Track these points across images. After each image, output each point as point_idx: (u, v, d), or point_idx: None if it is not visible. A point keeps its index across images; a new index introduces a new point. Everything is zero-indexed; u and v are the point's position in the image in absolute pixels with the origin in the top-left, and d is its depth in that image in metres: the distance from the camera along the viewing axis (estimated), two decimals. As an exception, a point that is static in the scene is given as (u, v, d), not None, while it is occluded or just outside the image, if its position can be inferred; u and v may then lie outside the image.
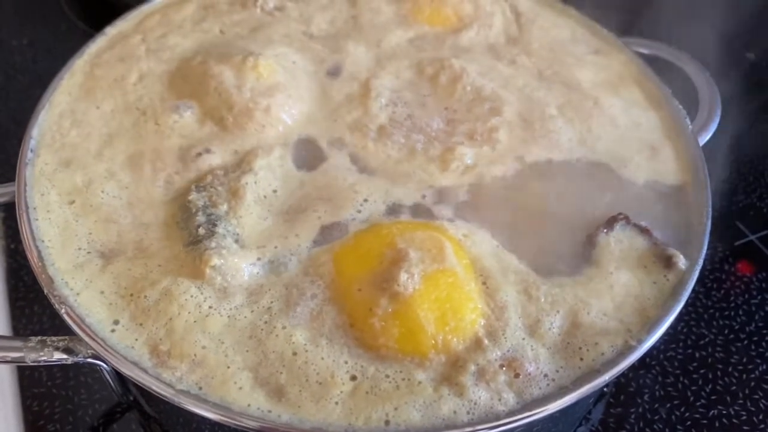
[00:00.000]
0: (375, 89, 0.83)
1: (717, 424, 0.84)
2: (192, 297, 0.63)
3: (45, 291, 0.64)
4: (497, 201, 0.74)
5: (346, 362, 0.61)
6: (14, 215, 0.70)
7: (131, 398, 0.79)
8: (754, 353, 0.90)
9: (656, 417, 0.84)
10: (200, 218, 0.68)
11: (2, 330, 0.88)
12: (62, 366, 0.83)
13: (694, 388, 0.87)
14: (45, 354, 0.63)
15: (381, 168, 0.76)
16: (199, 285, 0.64)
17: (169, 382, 0.59)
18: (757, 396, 0.86)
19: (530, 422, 0.59)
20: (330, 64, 0.87)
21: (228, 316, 0.63)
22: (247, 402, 0.59)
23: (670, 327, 0.65)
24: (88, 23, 1.30)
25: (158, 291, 0.64)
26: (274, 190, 0.73)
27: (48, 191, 0.72)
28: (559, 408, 0.59)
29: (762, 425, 0.84)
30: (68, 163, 0.75)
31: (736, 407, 0.85)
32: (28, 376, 0.84)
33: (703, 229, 0.72)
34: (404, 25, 0.93)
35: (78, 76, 0.84)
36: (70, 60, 0.85)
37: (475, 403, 0.59)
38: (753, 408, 0.85)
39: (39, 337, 0.64)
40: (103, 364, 0.64)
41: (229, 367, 0.60)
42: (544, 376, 0.61)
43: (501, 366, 0.61)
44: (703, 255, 0.70)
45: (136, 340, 0.62)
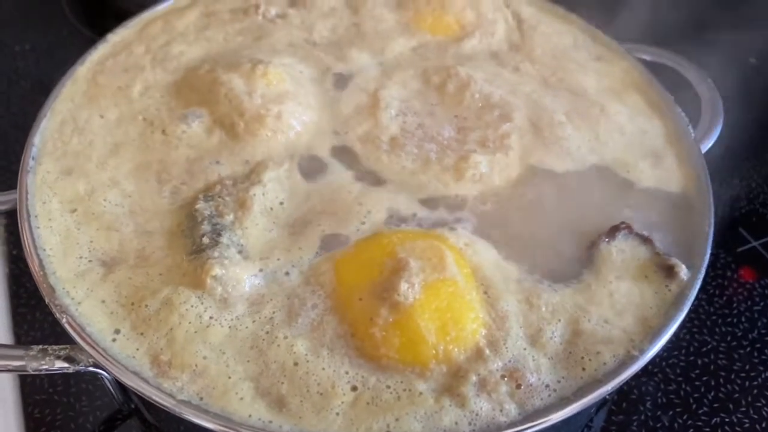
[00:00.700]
0: (384, 100, 0.82)
1: (720, 431, 0.83)
2: (192, 307, 0.63)
3: (46, 300, 0.64)
4: (502, 209, 0.74)
5: (347, 372, 0.60)
6: (16, 222, 0.70)
7: (132, 406, 0.80)
8: (756, 360, 0.90)
9: (659, 425, 0.84)
10: (205, 227, 0.68)
11: (4, 337, 0.88)
12: (63, 373, 0.83)
13: (696, 395, 0.86)
14: (46, 363, 0.63)
15: (396, 179, 0.76)
16: (199, 295, 0.64)
17: (170, 392, 0.59)
18: (760, 403, 0.86)
19: (532, 433, 0.59)
20: (336, 73, 0.87)
21: (229, 327, 0.63)
22: (248, 412, 0.58)
23: (672, 334, 0.65)
24: (90, 28, 1.30)
25: (159, 300, 0.64)
26: (281, 203, 0.73)
27: (50, 199, 0.72)
28: (561, 419, 0.59)
29: (765, 433, 0.84)
30: (70, 171, 0.75)
31: (739, 414, 0.85)
32: (29, 383, 0.84)
33: (706, 237, 0.71)
34: (407, 34, 0.93)
35: (80, 84, 0.84)
36: (71, 68, 0.85)
37: (477, 414, 0.59)
38: (756, 415, 0.85)
39: (40, 346, 0.64)
40: (104, 373, 0.63)
41: (230, 378, 0.60)
42: (546, 386, 0.61)
43: (502, 376, 0.61)
44: (705, 264, 0.69)
45: (137, 350, 0.62)
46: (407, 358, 0.60)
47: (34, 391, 0.83)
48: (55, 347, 0.64)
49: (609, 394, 0.63)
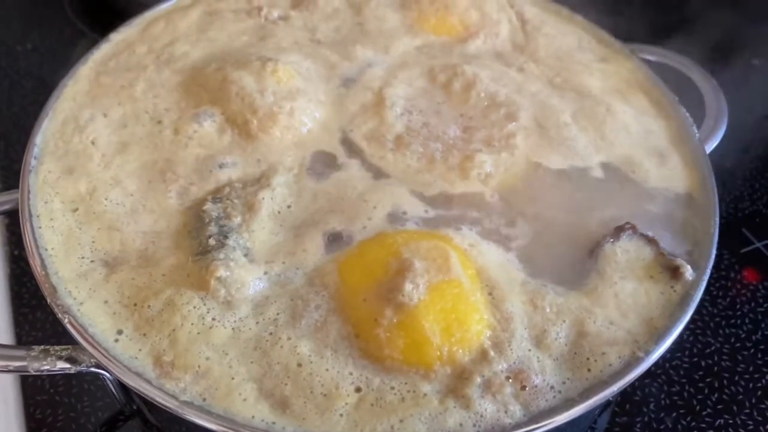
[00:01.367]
0: (389, 98, 0.82)
1: (723, 433, 0.83)
2: (195, 308, 0.63)
3: (48, 300, 0.64)
4: (508, 209, 0.74)
5: (351, 374, 0.60)
6: (18, 222, 0.70)
7: (134, 407, 0.79)
8: (760, 362, 0.90)
9: (662, 426, 0.83)
10: (212, 229, 0.68)
11: (5, 337, 0.87)
12: (65, 374, 0.83)
13: (700, 397, 0.86)
14: (48, 363, 0.63)
15: (401, 178, 0.76)
16: (202, 296, 0.63)
17: (172, 393, 0.59)
18: (763, 405, 0.86)
19: (536, 434, 0.59)
20: (342, 71, 0.87)
21: (232, 328, 0.62)
22: (251, 413, 0.58)
23: (677, 335, 0.65)
24: (92, 29, 1.30)
25: (162, 301, 0.63)
26: (288, 206, 0.72)
27: (51, 199, 0.72)
28: (565, 420, 0.59)
29: (769, 435, 0.83)
30: (72, 171, 0.74)
31: (743, 416, 0.85)
32: (31, 383, 0.83)
33: (711, 238, 0.71)
34: (411, 34, 0.93)
35: (83, 83, 0.84)
36: (73, 67, 0.85)
37: (482, 416, 0.58)
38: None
39: (42, 347, 0.63)
40: (106, 374, 0.63)
41: (233, 379, 0.60)
42: (551, 388, 0.61)
43: (507, 378, 0.60)
44: (710, 265, 0.69)
45: (140, 351, 0.61)
46: (411, 359, 0.60)
47: (35, 391, 0.83)
48: (56, 348, 0.63)
49: (614, 395, 0.62)
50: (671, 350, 0.88)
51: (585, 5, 0.99)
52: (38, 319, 0.89)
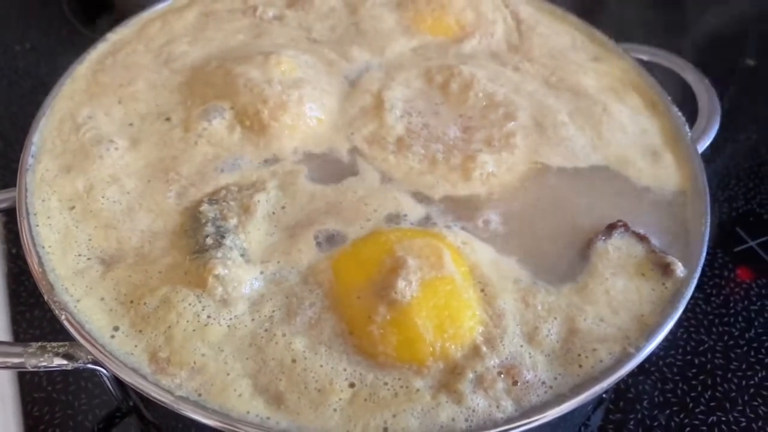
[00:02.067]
0: (388, 101, 0.82)
1: (716, 430, 0.84)
2: (190, 305, 0.63)
3: (45, 298, 0.64)
4: (506, 208, 0.74)
5: (345, 369, 0.61)
6: (15, 220, 0.70)
7: (131, 404, 0.80)
8: (753, 360, 0.90)
9: (655, 423, 0.84)
10: (209, 229, 0.69)
11: (3, 334, 0.88)
12: (62, 371, 0.83)
13: (693, 394, 0.87)
14: (45, 360, 0.63)
15: (403, 180, 0.76)
16: (198, 294, 0.64)
17: (168, 388, 0.59)
18: (756, 402, 0.86)
19: (528, 429, 0.59)
20: (341, 69, 0.87)
21: (228, 326, 0.63)
22: (246, 409, 0.59)
23: (669, 333, 0.65)
24: (90, 28, 1.30)
25: (158, 298, 0.64)
26: (282, 207, 0.72)
27: (49, 197, 0.72)
28: (557, 415, 0.59)
29: (761, 432, 0.84)
30: (69, 169, 0.75)
31: (736, 414, 0.85)
32: (28, 380, 0.84)
33: (702, 237, 0.72)
34: (407, 34, 0.93)
35: (80, 82, 0.84)
36: (70, 66, 0.86)
37: (474, 411, 0.59)
38: (752, 414, 0.85)
39: (39, 343, 0.64)
40: (103, 370, 0.64)
41: (228, 374, 0.60)
42: (542, 383, 0.61)
43: (499, 373, 0.61)
44: (701, 263, 0.70)
45: (136, 347, 0.62)
46: (405, 355, 0.61)
47: (33, 388, 0.83)
48: (54, 344, 0.64)
49: (605, 391, 0.63)
50: (664, 348, 0.90)
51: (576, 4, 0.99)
52: (35, 316, 0.90)
